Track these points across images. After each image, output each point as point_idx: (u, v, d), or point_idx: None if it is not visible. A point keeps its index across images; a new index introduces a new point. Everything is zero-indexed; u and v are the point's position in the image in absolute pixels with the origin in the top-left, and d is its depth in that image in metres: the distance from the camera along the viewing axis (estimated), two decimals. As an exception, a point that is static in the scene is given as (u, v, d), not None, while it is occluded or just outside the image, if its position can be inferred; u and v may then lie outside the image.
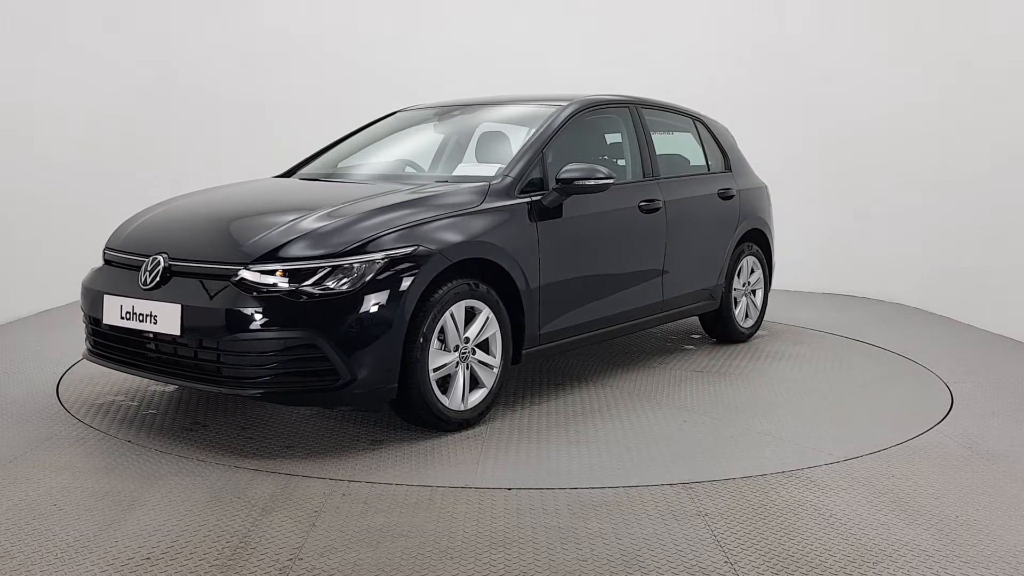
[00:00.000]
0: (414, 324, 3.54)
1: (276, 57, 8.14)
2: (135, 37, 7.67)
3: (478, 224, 3.87)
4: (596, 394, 4.49)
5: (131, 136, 7.57)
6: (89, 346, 3.95)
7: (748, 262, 5.79)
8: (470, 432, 3.80)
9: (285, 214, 3.72)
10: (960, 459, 3.57)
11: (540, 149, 4.32)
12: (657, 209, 4.85)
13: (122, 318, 3.63)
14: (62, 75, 6.92)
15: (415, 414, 3.67)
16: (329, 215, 3.65)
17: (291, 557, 2.57)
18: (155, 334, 3.51)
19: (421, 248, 3.58)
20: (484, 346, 3.89)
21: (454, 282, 3.69)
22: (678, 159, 5.57)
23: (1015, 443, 3.80)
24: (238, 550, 2.62)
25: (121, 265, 3.86)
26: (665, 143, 5.46)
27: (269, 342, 3.32)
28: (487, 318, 3.85)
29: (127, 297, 3.62)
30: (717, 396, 4.47)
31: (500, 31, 8.21)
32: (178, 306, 3.44)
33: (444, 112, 5.24)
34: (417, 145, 5.22)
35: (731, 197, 5.58)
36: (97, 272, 3.98)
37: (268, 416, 3.97)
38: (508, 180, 4.13)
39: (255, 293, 3.36)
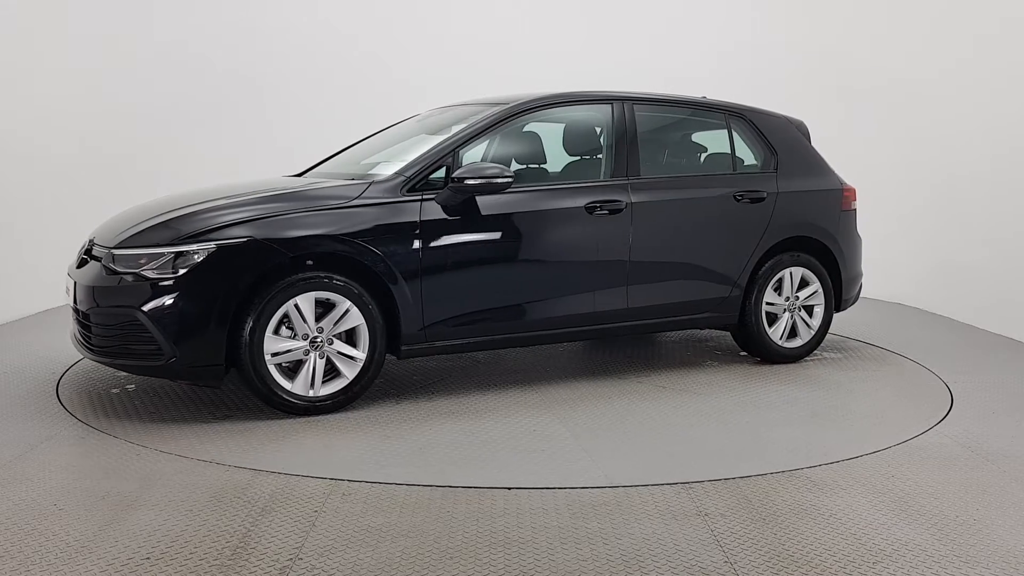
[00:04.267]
0: (247, 310, 3.79)
1: (281, 58, 8.11)
2: (138, 36, 7.66)
3: (341, 220, 3.97)
4: (505, 397, 4.35)
5: (134, 136, 7.56)
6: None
7: (792, 274, 5.15)
8: (317, 418, 3.93)
9: (191, 204, 4.03)
10: (960, 459, 3.57)
11: (453, 148, 4.28)
12: (619, 211, 4.57)
13: (65, 293, 4.20)
14: (64, 75, 6.92)
15: (256, 393, 3.90)
16: (197, 205, 3.98)
17: (291, 557, 2.58)
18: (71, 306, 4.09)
19: (254, 240, 3.81)
20: (353, 338, 4.03)
21: (300, 273, 3.88)
22: (714, 158, 5.23)
23: (1015, 443, 3.80)
24: (238, 550, 2.62)
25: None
26: (682, 141, 5.27)
27: (110, 318, 3.80)
28: (346, 311, 3.96)
29: (70, 276, 4.16)
30: (617, 413, 4.10)
31: (534, 27, 8.18)
32: (73, 282, 4.00)
33: (477, 111, 4.97)
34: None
35: (760, 200, 5.05)
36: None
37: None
38: (395, 178, 4.16)
39: (111, 274, 3.81)
